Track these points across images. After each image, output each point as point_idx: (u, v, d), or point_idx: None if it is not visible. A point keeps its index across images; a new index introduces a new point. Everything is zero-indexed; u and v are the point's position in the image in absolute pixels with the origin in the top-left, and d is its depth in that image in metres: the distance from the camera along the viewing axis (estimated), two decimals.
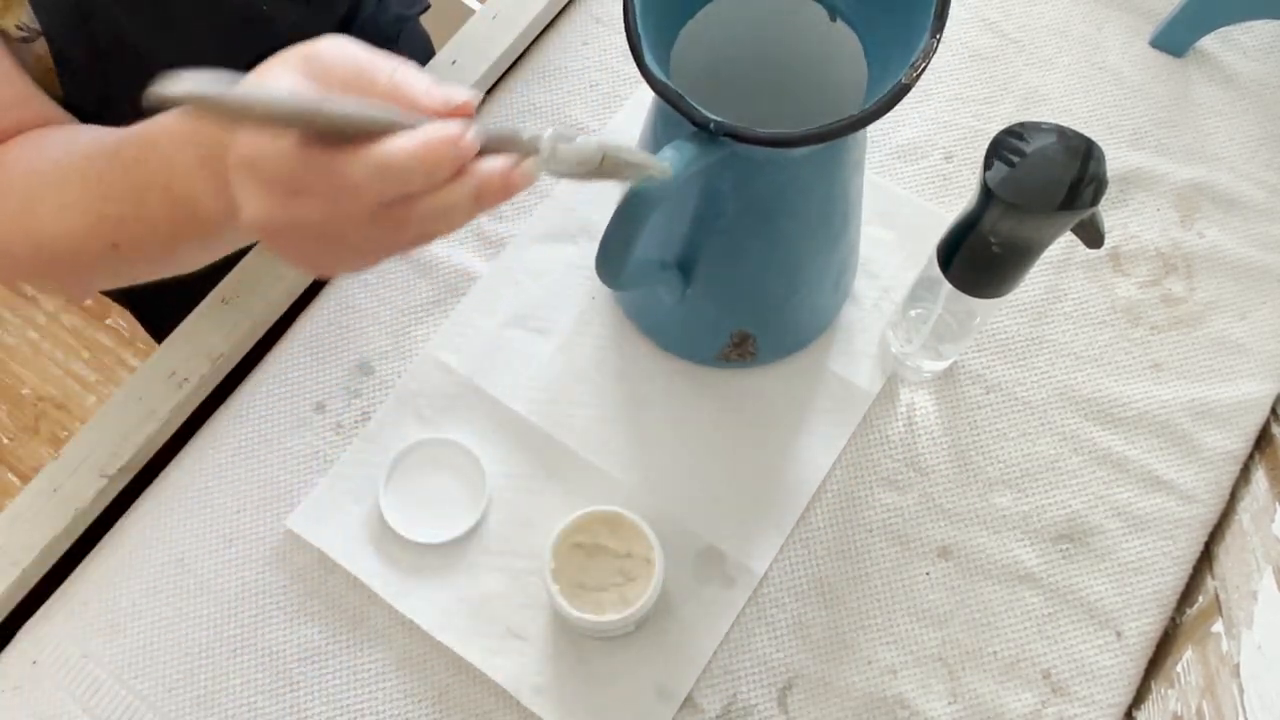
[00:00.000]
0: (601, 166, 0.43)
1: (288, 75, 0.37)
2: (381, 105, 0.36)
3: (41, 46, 0.56)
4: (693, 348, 0.73)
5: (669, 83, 0.51)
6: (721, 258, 0.64)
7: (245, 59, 0.54)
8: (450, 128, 0.35)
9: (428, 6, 0.81)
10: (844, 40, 0.59)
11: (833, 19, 0.59)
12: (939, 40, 0.50)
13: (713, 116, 0.50)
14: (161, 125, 0.45)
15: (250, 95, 0.34)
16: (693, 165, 0.51)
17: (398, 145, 0.35)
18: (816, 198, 0.61)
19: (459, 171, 0.36)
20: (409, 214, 0.37)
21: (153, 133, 0.46)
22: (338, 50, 0.37)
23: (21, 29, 0.54)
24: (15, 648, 0.68)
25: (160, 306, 0.58)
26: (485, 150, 0.38)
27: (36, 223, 0.51)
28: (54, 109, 0.60)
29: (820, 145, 0.51)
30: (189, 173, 0.44)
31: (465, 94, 0.37)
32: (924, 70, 0.50)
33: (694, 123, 0.51)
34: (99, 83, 0.58)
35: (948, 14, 0.51)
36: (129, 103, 0.55)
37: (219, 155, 0.40)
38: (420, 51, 0.86)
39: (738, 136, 0.50)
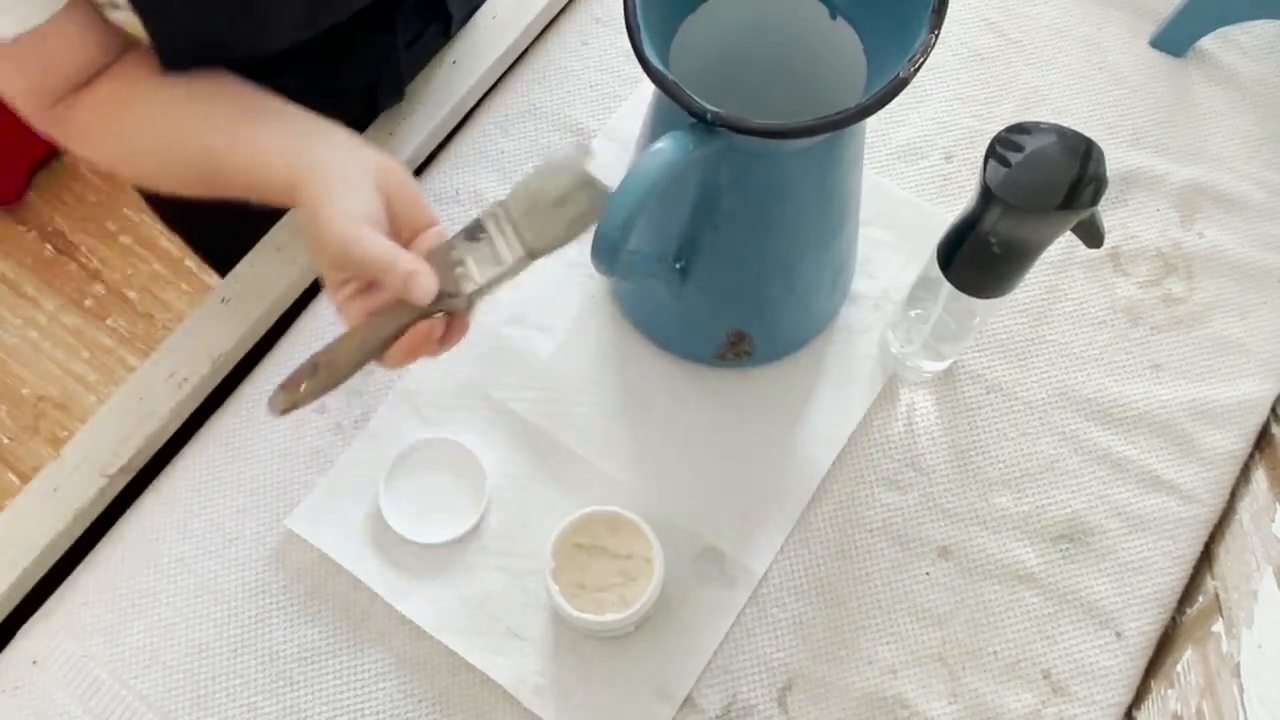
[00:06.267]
0: (531, 257, 0.52)
1: (370, 204, 0.51)
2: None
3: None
4: (691, 346, 0.73)
5: (667, 73, 0.51)
6: (717, 253, 0.64)
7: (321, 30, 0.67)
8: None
9: None
10: (843, 38, 0.59)
11: (833, 17, 0.59)
12: (937, 35, 0.50)
13: (709, 106, 0.50)
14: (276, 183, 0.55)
15: (328, 378, 0.50)
16: (690, 156, 0.51)
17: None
18: (812, 194, 0.61)
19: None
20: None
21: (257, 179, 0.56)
22: (399, 194, 0.52)
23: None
24: (15, 648, 0.68)
25: (219, 235, 0.59)
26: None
27: (137, 171, 0.62)
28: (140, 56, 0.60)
29: (817, 139, 0.51)
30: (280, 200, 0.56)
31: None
32: (922, 65, 0.50)
33: (691, 113, 0.51)
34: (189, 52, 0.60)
35: (946, 10, 0.51)
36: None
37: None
38: None
39: (734, 127, 0.50)
